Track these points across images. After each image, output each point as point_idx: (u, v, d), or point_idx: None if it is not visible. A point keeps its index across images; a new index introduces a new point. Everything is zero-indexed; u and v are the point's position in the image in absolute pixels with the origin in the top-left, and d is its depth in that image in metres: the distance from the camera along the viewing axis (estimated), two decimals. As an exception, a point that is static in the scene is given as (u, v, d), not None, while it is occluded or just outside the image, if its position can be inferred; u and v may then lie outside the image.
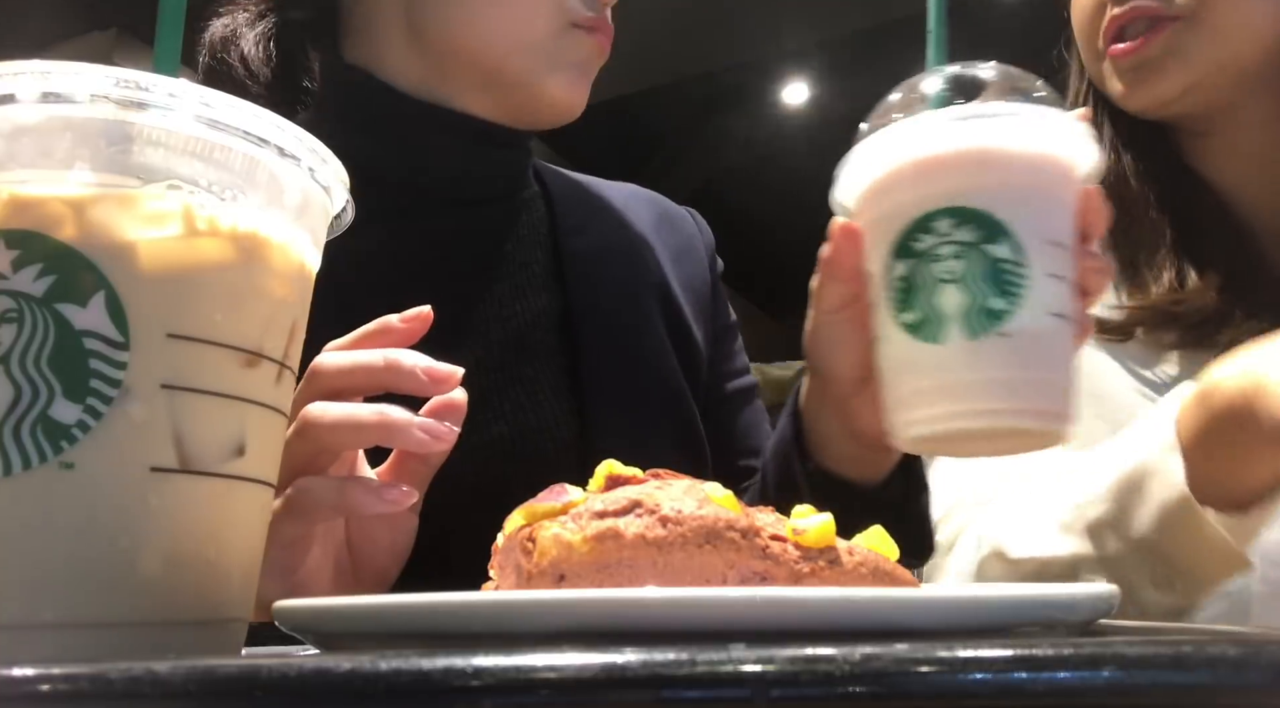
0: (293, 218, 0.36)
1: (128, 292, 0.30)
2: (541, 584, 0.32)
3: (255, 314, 0.33)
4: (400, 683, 0.20)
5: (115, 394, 0.30)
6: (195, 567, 0.31)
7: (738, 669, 0.21)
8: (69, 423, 0.29)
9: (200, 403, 0.31)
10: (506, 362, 0.73)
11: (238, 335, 0.33)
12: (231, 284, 0.33)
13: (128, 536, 0.30)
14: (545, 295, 0.77)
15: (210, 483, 0.32)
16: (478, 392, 0.67)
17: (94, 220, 0.30)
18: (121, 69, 0.31)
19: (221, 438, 0.32)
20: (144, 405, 0.30)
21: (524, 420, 0.71)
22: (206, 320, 0.32)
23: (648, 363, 0.79)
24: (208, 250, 0.32)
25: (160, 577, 0.30)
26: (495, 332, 0.74)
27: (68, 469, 0.29)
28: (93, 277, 0.30)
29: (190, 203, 0.32)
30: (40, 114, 0.31)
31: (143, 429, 0.30)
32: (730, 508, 0.33)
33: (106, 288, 0.30)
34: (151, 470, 0.30)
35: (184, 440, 0.31)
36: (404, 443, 0.48)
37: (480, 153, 0.77)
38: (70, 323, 0.30)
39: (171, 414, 0.31)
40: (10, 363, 0.29)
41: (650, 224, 0.88)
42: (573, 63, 0.74)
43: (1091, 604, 0.31)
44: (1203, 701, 0.22)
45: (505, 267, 0.77)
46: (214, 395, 0.32)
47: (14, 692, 0.20)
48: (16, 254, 0.30)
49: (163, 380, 0.31)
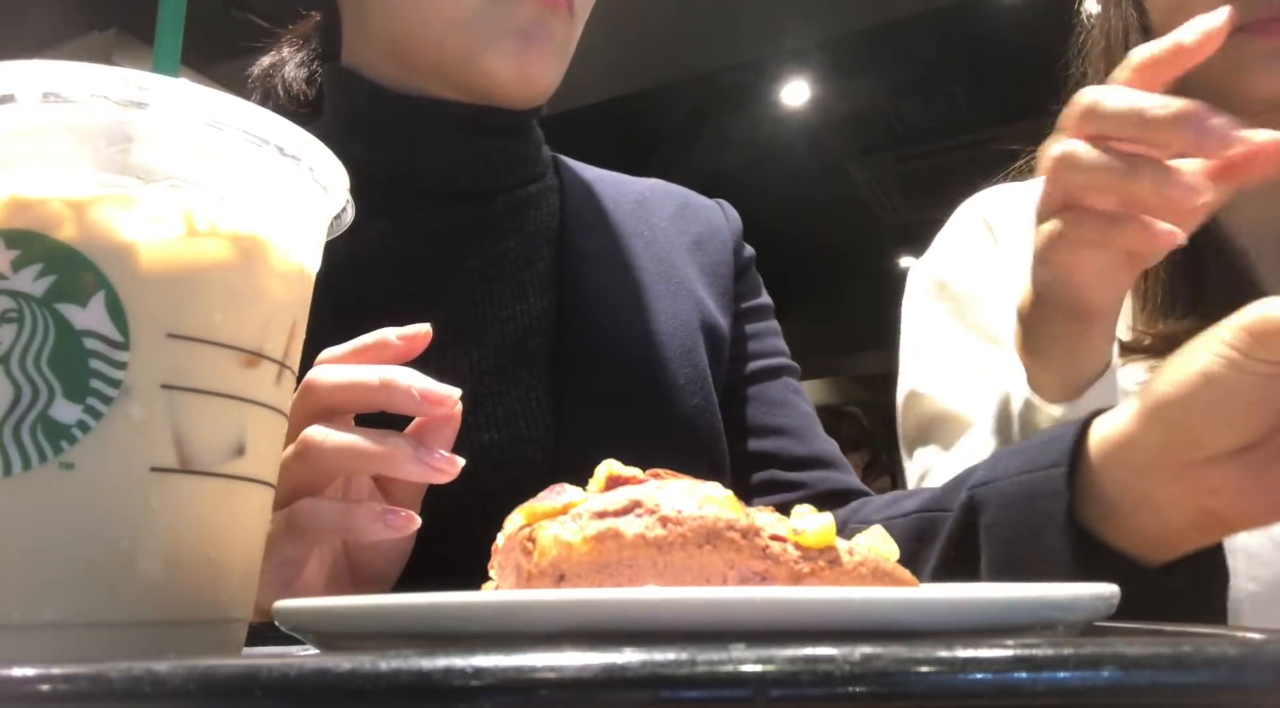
0: (293, 218, 0.36)
1: (128, 292, 0.30)
2: (541, 584, 0.32)
3: (255, 314, 0.33)
4: (400, 683, 0.20)
5: (115, 394, 0.30)
6: (195, 567, 0.31)
7: (738, 669, 0.21)
8: (69, 423, 0.29)
9: (200, 403, 0.31)
10: (502, 366, 0.71)
11: (238, 336, 0.33)
12: (231, 285, 0.33)
13: (128, 536, 0.30)
14: (547, 296, 0.75)
15: (210, 483, 0.32)
16: (471, 397, 0.67)
17: (94, 221, 0.30)
18: (122, 69, 0.31)
19: (221, 438, 0.32)
20: (144, 405, 0.30)
21: (515, 428, 0.70)
22: (206, 321, 0.32)
23: (639, 363, 0.76)
24: (208, 251, 0.32)
25: (161, 577, 0.30)
26: (493, 334, 0.72)
27: (68, 469, 0.29)
28: (93, 277, 0.30)
29: (190, 203, 0.32)
30: (41, 114, 0.31)
31: (143, 429, 0.30)
32: (730, 508, 0.33)
33: (107, 288, 0.30)
34: (151, 470, 0.30)
35: (184, 440, 0.31)
36: (405, 475, 0.48)
37: (463, 141, 0.74)
38: (70, 323, 0.30)
39: (171, 414, 0.31)
40: (10, 363, 0.29)
41: (669, 215, 0.86)
42: (511, 29, 0.69)
43: (1091, 604, 0.31)
44: (1203, 701, 0.22)
45: (507, 265, 0.75)
46: (214, 395, 0.32)
47: (14, 692, 0.20)
48: (17, 254, 0.30)
49: (163, 380, 0.31)
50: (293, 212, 0.36)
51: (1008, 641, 0.22)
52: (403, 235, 0.73)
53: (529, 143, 0.79)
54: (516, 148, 0.78)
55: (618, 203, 0.84)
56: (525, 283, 0.75)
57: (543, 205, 0.79)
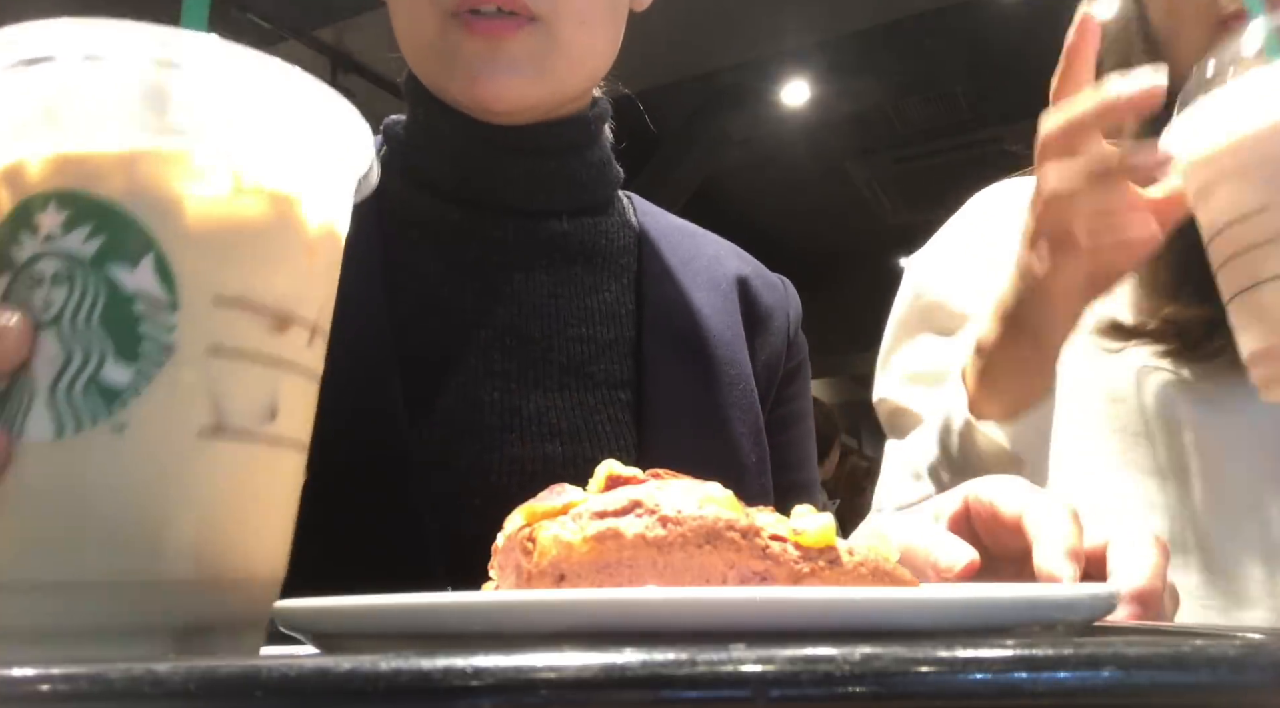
0: (326, 177, 0.36)
1: (174, 251, 0.30)
2: (541, 584, 0.32)
3: (292, 277, 0.34)
4: (400, 683, 0.20)
5: (165, 357, 0.30)
6: (233, 528, 0.32)
7: (738, 669, 0.21)
8: (120, 385, 0.30)
9: (239, 366, 0.32)
10: (567, 384, 0.70)
11: (275, 297, 0.33)
12: (270, 245, 0.33)
13: (173, 497, 0.30)
14: (614, 326, 0.73)
15: (247, 446, 0.32)
16: (535, 407, 0.67)
17: (143, 176, 0.31)
18: (162, 27, 0.32)
19: (257, 401, 0.32)
20: (191, 368, 0.30)
21: (579, 447, 0.68)
22: (247, 282, 0.32)
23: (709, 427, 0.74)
24: (249, 210, 0.32)
25: (201, 537, 0.31)
26: (558, 352, 0.70)
27: (119, 432, 0.29)
28: (141, 237, 0.30)
29: (238, 160, 0.32)
30: (82, 73, 0.31)
31: (190, 392, 0.30)
32: (730, 508, 0.33)
33: (155, 249, 0.30)
34: (197, 433, 0.31)
35: (224, 403, 0.31)
36: None
37: (494, 157, 0.72)
38: (120, 285, 0.30)
39: (214, 377, 0.31)
40: (61, 325, 0.30)
41: (736, 284, 0.83)
42: (461, 61, 0.67)
43: (1091, 604, 0.31)
44: (1203, 701, 0.22)
45: (574, 287, 0.73)
46: (252, 359, 0.32)
47: (14, 692, 0.20)
48: (67, 215, 0.30)
49: (208, 343, 0.31)
50: (325, 171, 0.36)
51: (1008, 641, 0.22)
52: (469, 237, 0.72)
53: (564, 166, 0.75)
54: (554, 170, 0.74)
55: (694, 257, 0.82)
56: (593, 309, 0.73)
57: (615, 239, 0.78)
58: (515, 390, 0.67)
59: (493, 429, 0.65)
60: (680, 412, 0.73)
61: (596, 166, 0.77)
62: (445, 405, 0.66)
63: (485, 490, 0.63)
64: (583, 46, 0.69)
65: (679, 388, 0.73)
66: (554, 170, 0.74)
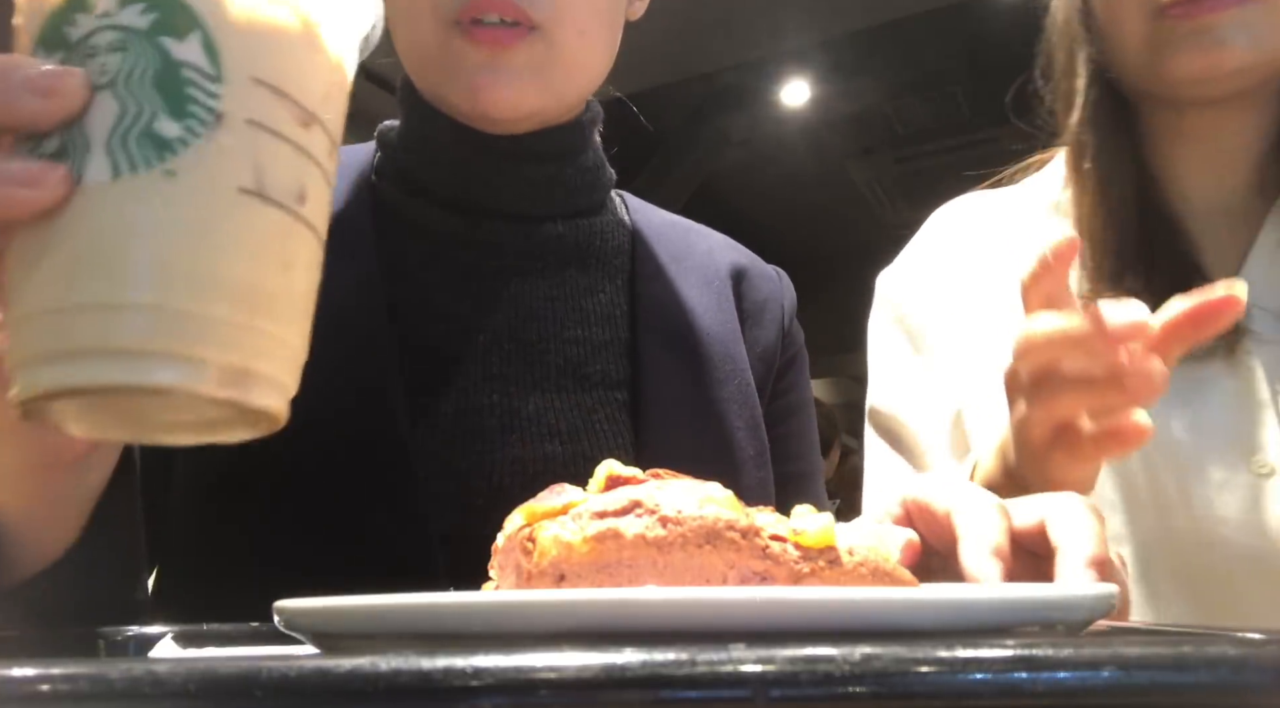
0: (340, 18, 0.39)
1: (219, 32, 0.34)
2: (541, 584, 0.32)
3: (316, 82, 0.37)
4: (400, 683, 0.20)
5: (210, 118, 0.33)
6: (269, 284, 0.35)
7: (738, 669, 0.21)
8: (171, 137, 0.33)
9: (275, 144, 0.35)
10: (565, 386, 0.71)
11: (304, 94, 0.36)
12: (299, 51, 0.36)
13: (214, 241, 0.33)
14: (609, 327, 0.74)
15: (283, 216, 0.35)
16: (534, 408, 0.67)
17: None
18: None
19: (291, 179, 0.36)
20: (234, 134, 0.34)
21: (578, 446, 0.69)
22: (281, 72, 0.35)
23: (705, 423, 0.75)
24: (282, 17, 0.36)
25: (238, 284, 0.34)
26: (555, 354, 0.71)
27: (170, 177, 0.32)
28: (189, 15, 0.34)
29: None
30: None
31: (233, 153, 0.34)
32: (730, 508, 0.33)
33: (202, 28, 0.34)
34: (239, 189, 0.34)
35: (262, 173, 0.34)
36: None
37: (491, 164, 0.73)
38: (170, 53, 0.33)
39: (255, 146, 0.34)
40: (117, 85, 0.33)
41: (729, 277, 0.84)
42: (461, 71, 0.67)
43: (1091, 604, 0.31)
44: (1203, 701, 0.22)
45: (570, 289, 0.74)
46: (285, 140, 0.35)
47: (14, 692, 0.20)
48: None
49: (247, 115, 0.34)
50: (340, 11, 0.39)
51: (1008, 641, 0.22)
52: (466, 243, 0.72)
53: (561, 171, 0.76)
54: (549, 174, 0.75)
55: (687, 253, 0.83)
56: (588, 311, 0.74)
57: (609, 239, 0.78)
58: (514, 393, 0.68)
59: (493, 431, 0.66)
60: (675, 409, 0.73)
61: (590, 171, 0.78)
62: (446, 408, 0.66)
63: (486, 491, 0.64)
64: (582, 55, 0.70)
65: (673, 386, 0.74)
66: (549, 176, 0.74)
